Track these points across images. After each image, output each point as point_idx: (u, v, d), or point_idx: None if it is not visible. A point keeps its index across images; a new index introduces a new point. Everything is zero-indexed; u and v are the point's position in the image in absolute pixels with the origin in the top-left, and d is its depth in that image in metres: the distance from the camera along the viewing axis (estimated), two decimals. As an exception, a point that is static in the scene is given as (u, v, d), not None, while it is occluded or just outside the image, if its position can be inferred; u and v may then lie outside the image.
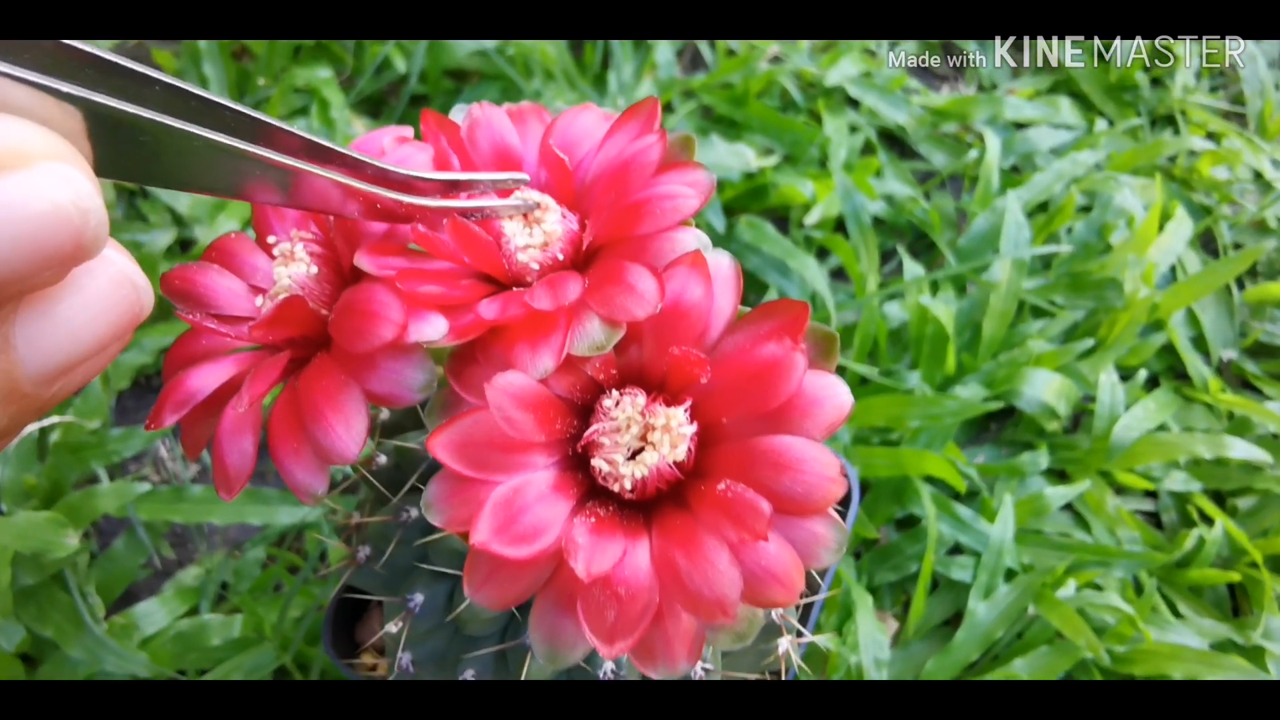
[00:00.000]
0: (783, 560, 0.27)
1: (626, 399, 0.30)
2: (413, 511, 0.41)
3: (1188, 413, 0.85)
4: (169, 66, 1.00)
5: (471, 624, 0.38)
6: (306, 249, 0.32)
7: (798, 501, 0.28)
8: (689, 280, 0.30)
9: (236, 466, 0.31)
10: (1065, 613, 0.72)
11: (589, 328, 0.29)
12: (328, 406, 0.29)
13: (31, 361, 0.20)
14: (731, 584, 0.26)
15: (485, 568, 0.28)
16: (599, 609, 0.27)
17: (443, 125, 0.33)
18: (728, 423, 0.30)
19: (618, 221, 0.31)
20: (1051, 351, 0.82)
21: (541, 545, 0.27)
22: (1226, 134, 0.98)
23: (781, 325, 0.29)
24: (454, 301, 0.30)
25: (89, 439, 0.77)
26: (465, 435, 0.28)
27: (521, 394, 0.28)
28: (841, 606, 0.72)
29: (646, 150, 0.31)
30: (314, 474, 0.30)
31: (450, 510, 0.28)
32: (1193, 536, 0.76)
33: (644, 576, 0.27)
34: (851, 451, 0.77)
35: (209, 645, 0.69)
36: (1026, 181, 0.92)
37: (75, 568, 0.73)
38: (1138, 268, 0.84)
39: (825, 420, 0.29)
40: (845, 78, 0.97)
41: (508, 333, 0.30)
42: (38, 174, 0.18)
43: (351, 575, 0.43)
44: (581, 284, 0.29)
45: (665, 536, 0.28)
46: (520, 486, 0.28)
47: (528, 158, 0.34)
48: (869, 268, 0.86)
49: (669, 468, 0.29)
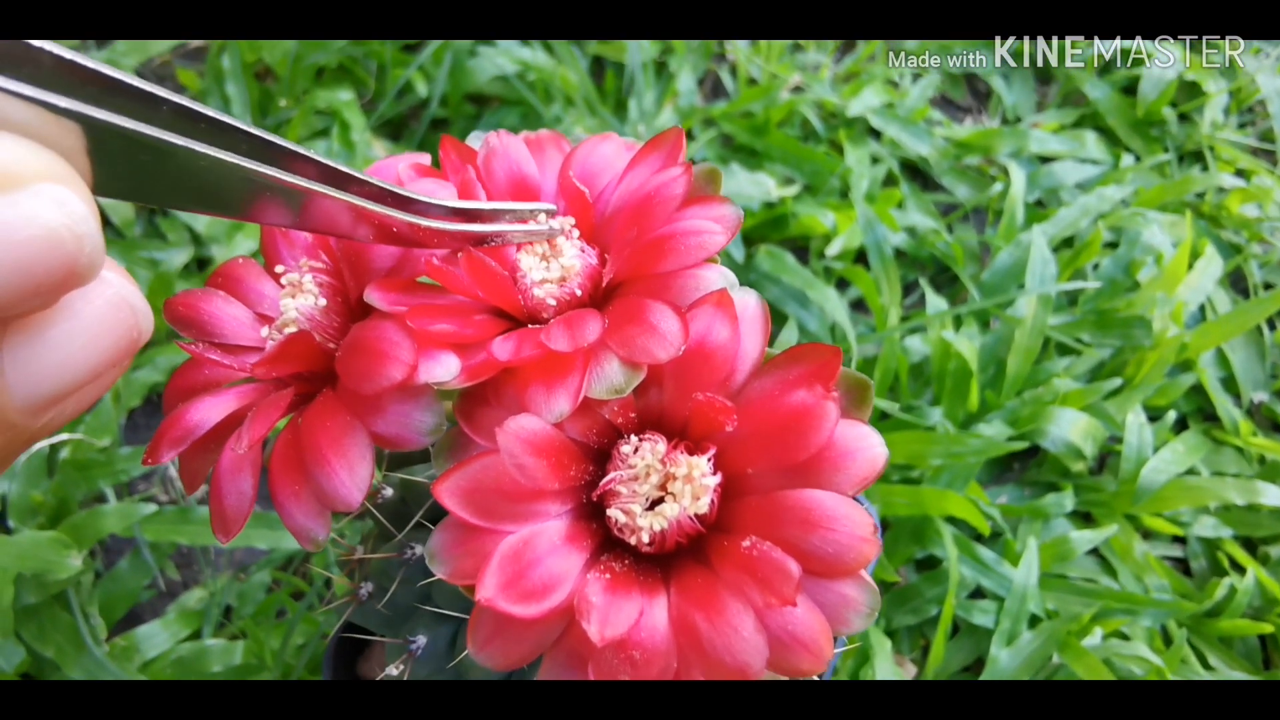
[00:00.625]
0: (810, 626, 0.26)
1: (646, 445, 0.28)
2: (417, 549, 0.39)
3: (1217, 456, 0.82)
4: (193, 86, 1.00)
5: (474, 671, 0.36)
6: (315, 280, 0.31)
7: (828, 562, 0.26)
8: (714, 321, 0.28)
9: (234, 508, 0.29)
10: (1091, 662, 0.69)
11: (608, 369, 0.28)
12: (330, 449, 0.28)
13: (20, 389, 0.19)
14: (756, 651, 0.24)
15: (490, 625, 0.26)
16: (612, 672, 0.25)
17: (461, 152, 0.32)
18: (753, 474, 0.28)
19: (640, 257, 0.29)
20: (1077, 390, 0.79)
21: (552, 603, 0.25)
22: (1256, 171, 0.97)
23: (812, 371, 0.28)
24: (466, 340, 0.28)
25: (98, 457, 0.76)
26: (474, 481, 0.27)
27: (535, 439, 0.27)
28: (859, 651, 0.70)
29: (671, 184, 0.30)
30: (314, 519, 0.29)
31: (455, 562, 0.27)
32: (1224, 585, 0.73)
33: (661, 639, 0.26)
34: (870, 489, 0.75)
35: (209, 671, 0.68)
36: (1052, 216, 0.90)
37: (78, 587, 0.71)
38: (1167, 306, 0.82)
39: (858, 474, 0.27)
40: (867, 108, 0.96)
41: (522, 373, 0.28)
42: (30, 196, 0.17)
43: (353, 612, 0.41)
44: (601, 323, 0.28)
45: (685, 596, 0.26)
46: (530, 538, 0.27)
47: (546, 188, 0.33)
48: (890, 300, 0.85)
49: (690, 520, 0.28)
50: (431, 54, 0.97)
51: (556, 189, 0.33)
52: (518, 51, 0.97)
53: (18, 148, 0.17)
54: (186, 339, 0.32)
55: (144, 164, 0.21)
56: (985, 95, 1.06)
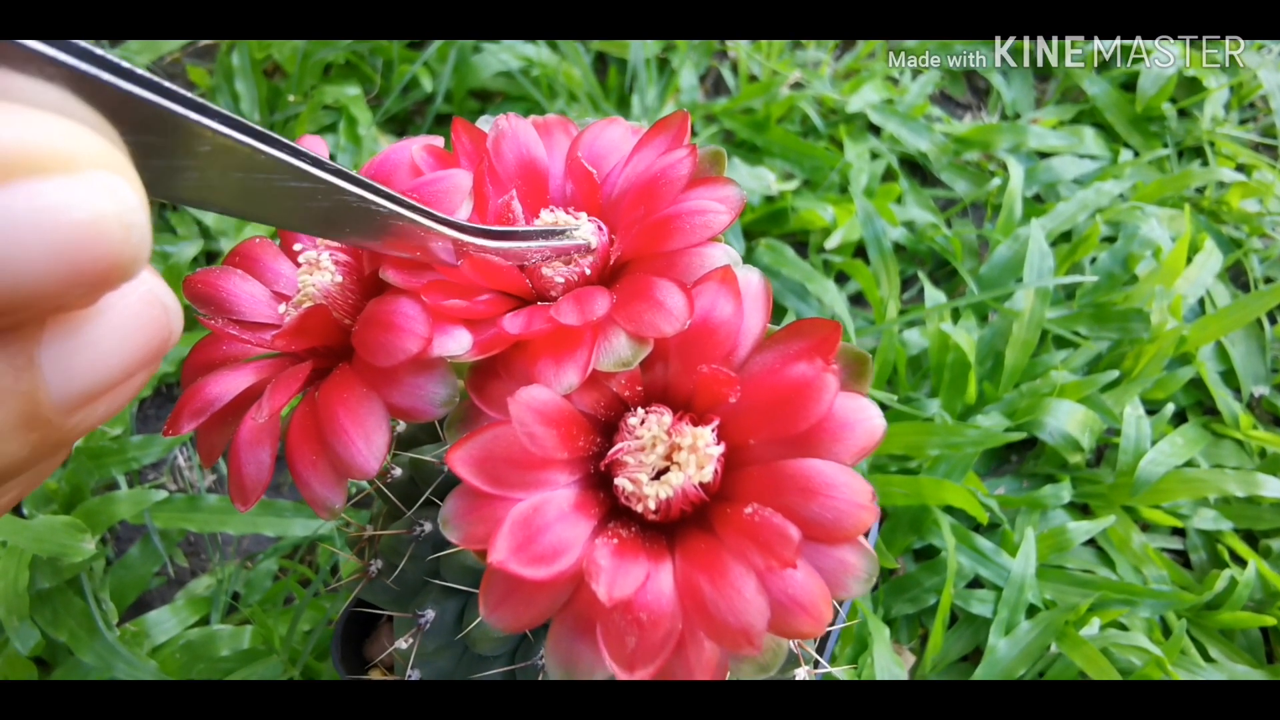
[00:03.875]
0: (810, 590, 0.27)
1: (652, 417, 0.29)
2: (426, 526, 0.40)
3: (1217, 449, 0.83)
4: (203, 83, 1.01)
5: (481, 643, 0.37)
6: (332, 258, 0.32)
7: (827, 528, 0.27)
8: (718, 297, 0.29)
9: (253, 478, 0.30)
10: (1089, 652, 0.70)
11: (615, 343, 0.29)
12: (348, 419, 0.29)
13: (56, 386, 0.18)
14: (758, 613, 0.25)
15: (501, 588, 0.27)
16: (619, 634, 0.26)
17: (472, 135, 0.32)
18: (755, 444, 0.29)
19: (646, 236, 0.30)
20: (1075, 382, 0.80)
21: (561, 566, 0.26)
22: (1257, 166, 0.97)
23: (812, 345, 0.29)
24: (478, 315, 0.29)
25: (110, 445, 0.78)
26: (485, 450, 0.28)
27: (545, 409, 0.27)
28: (857, 638, 0.71)
29: (677, 165, 0.31)
30: (332, 488, 0.30)
31: (468, 527, 0.27)
32: (1224, 577, 0.74)
33: (667, 602, 0.27)
34: (869, 479, 0.76)
35: (217, 656, 0.69)
36: (1050, 210, 0.91)
37: (91, 573, 0.72)
38: (1165, 299, 0.83)
39: (857, 444, 0.28)
40: (867, 104, 0.97)
41: (531, 347, 0.29)
42: (83, 182, 0.16)
43: (363, 589, 0.42)
44: (609, 299, 0.29)
45: (689, 561, 0.27)
46: (540, 504, 0.28)
47: (554, 170, 0.34)
48: (889, 293, 0.86)
49: (694, 489, 0.29)
50: (436, 50, 0.98)
51: (565, 171, 0.34)
52: (522, 48, 0.98)
53: (74, 131, 0.16)
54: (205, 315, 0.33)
55: (200, 160, 0.20)
56: (985, 92, 1.07)
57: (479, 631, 0.37)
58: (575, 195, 0.33)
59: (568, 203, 0.33)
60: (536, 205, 0.32)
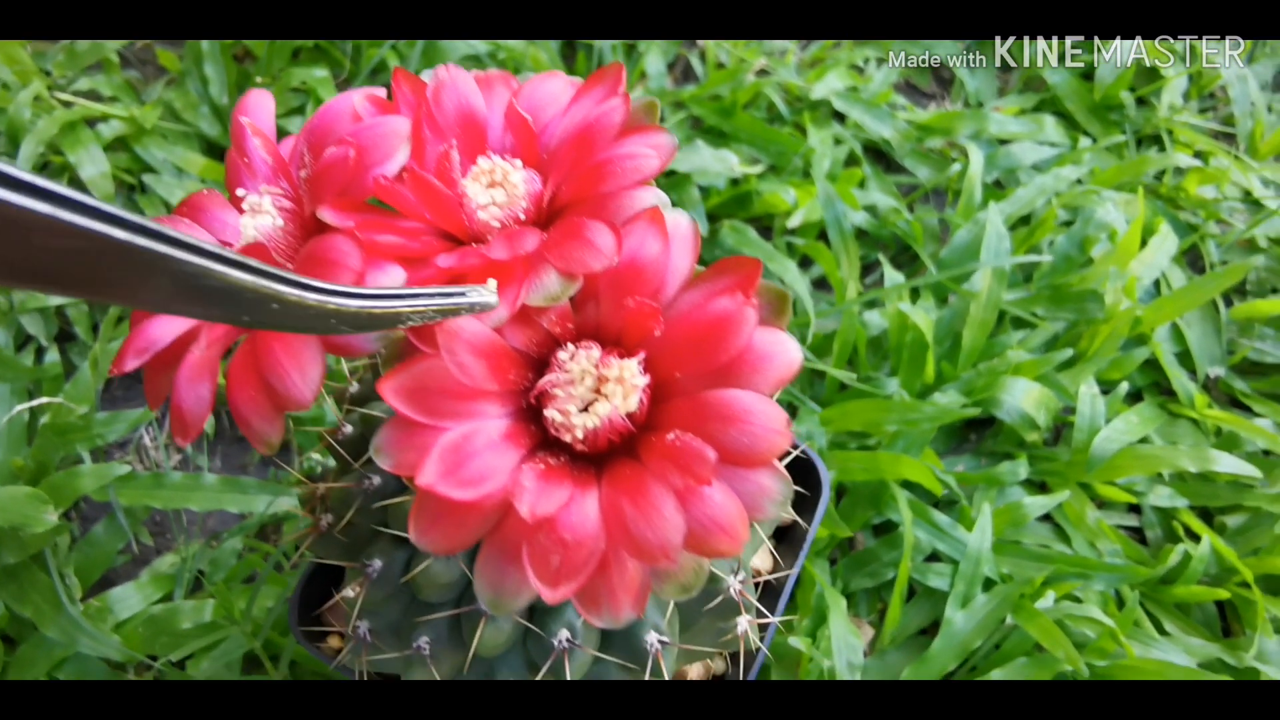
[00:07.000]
0: (728, 510, 0.28)
1: (582, 352, 0.30)
2: (374, 479, 0.41)
3: (1173, 428, 0.85)
4: (173, 67, 1.01)
5: (427, 588, 0.38)
6: (274, 202, 0.32)
7: (744, 453, 0.28)
8: (646, 236, 0.30)
9: (193, 412, 0.31)
10: (1044, 624, 0.71)
11: (545, 280, 0.30)
12: (284, 354, 0.29)
13: None
14: (675, 529, 0.26)
15: (432, 511, 0.28)
16: (544, 554, 0.27)
17: (413, 84, 0.33)
18: (681, 378, 0.30)
19: (580, 181, 0.32)
20: (1030, 361, 0.82)
21: (488, 489, 0.27)
22: (1214, 153, 1.00)
23: (735, 282, 0.30)
24: (412, 253, 0.30)
25: (76, 422, 0.78)
26: (417, 381, 0.29)
27: (473, 340, 0.28)
28: (815, 610, 0.72)
29: (610, 112, 0.32)
30: (270, 422, 0.30)
31: (399, 454, 0.28)
32: (1177, 552, 0.75)
33: (590, 524, 0.28)
34: (828, 455, 0.77)
35: (179, 629, 0.69)
36: (1009, 195, 0.93)
37: (55, 550, 0.73)
38: (1119, 280, 0.85)
39: (775, 375, 0.29)
40: (831, 91, 0.99)
41: (464, 284, 0.30)
42: None
43: (313, 543, 0.43)
44: (539, 237, 0.30)
45: (614, 486, 0.28)
46: (470, 433, 0.28)
47: (494, 122, 0.35)
48: (849, 274, 0.87)
49: (621, 419, 0.30)
50: (407, 36, 0.99)
51: (504, 123, 0.35)
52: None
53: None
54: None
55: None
56: (949, 81, 1.09)
57: (424, 578, 0.38)
58: (514, 145, 0.34)
59: (508, 153, 0.34)
60: (475, 155, 0.33)
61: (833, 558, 0.77)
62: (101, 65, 0.99)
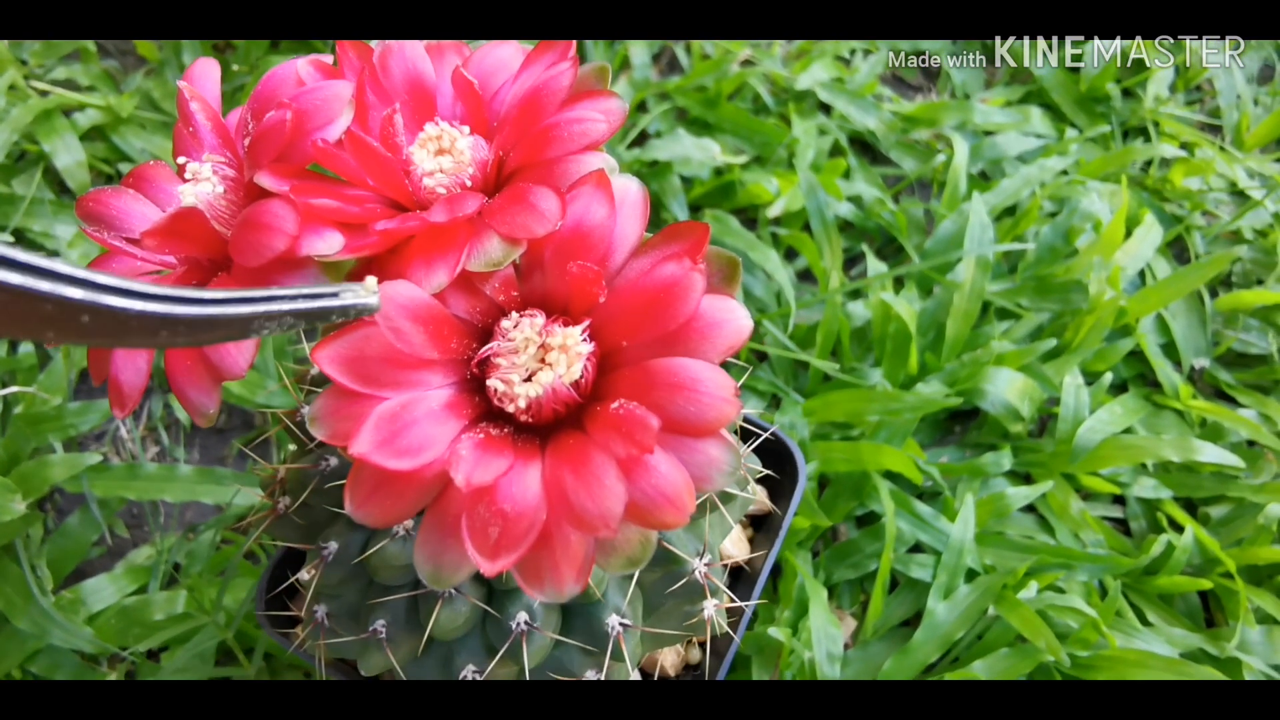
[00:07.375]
0: (674, 481, 0.27)
1: (525, 320, 0.29)
2: (331, 460, 0.40)
3: (1157, 419, 0.84)
4: (152, 57, 1.00)
5: (382, 570, 0.37)
6: (215, 169, 0.32)
7: (692, 422, 0.27)
8: (592, 201, 0.29)
9: (130, 384, 0.30)
10: (1026, 614, 0.70)
11: (487, 245, 0.29)
12: (221, 322, 0.29)
13: None
14: (616, 498, 0.26)
15: (369, 482, 0.27)
16: (482, 525, 0.26)
17: (360, 51, 0.33)
18: (629, 347, 0.29)
19: (527, 147, 0.31)
20: (1014, 351, 0.81)
21: (425, 459, 0.27)
22: (1200, 144, 0.99)
23: (683, 248, 0.29)
24: (351, 219, 0.29)
25: (48, 413, 0.77)
26: (355, 349, 0.28)
27: (411, 305, 0.28)
28: (796, 602, 0.71)
29: (558, 77, 0.31)
30: (207, 393, 0.30)
31: (336, 424, 0.28)
32: (1160, 542, 0.74)
33: (531, 495, 0.27)
34: (811, 446, 0.77)
35: (151, 621, 0.68)
36: (994, 186, 0.92)
37: (27, 541, 0.72)
38: (1103, 271, 0.84)
39: (724, 343, 0.28)
40: (816, 82, 0.98)
41: (406, 251, 0.29)
42: None
43: (271, 525, 0.42)
44: (480, 200, 0.29)
45: (557, 457, 0.28)
46: (409, 403, 0.28)
47: (442, 89, 0.34)
48: (832, 264, 0.86)
49: (565, 389, 0.29)
50: (389, 26, 0.98)
51: (453, 91, 0.34)
52: (474, 24, 0.98)
53: None
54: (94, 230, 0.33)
55: None
56: (935, 73, 1.08)
57: (378, 559, 0.37)
58: (464, 113, 0.34)
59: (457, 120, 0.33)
60: (421, 121, 0.32)
61: (815, 549, 0.77)
62: (79, 54, 0.99)
